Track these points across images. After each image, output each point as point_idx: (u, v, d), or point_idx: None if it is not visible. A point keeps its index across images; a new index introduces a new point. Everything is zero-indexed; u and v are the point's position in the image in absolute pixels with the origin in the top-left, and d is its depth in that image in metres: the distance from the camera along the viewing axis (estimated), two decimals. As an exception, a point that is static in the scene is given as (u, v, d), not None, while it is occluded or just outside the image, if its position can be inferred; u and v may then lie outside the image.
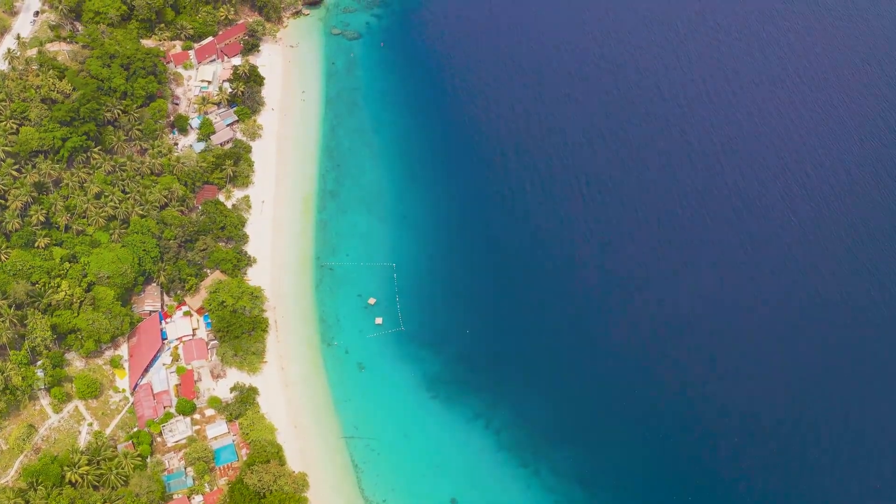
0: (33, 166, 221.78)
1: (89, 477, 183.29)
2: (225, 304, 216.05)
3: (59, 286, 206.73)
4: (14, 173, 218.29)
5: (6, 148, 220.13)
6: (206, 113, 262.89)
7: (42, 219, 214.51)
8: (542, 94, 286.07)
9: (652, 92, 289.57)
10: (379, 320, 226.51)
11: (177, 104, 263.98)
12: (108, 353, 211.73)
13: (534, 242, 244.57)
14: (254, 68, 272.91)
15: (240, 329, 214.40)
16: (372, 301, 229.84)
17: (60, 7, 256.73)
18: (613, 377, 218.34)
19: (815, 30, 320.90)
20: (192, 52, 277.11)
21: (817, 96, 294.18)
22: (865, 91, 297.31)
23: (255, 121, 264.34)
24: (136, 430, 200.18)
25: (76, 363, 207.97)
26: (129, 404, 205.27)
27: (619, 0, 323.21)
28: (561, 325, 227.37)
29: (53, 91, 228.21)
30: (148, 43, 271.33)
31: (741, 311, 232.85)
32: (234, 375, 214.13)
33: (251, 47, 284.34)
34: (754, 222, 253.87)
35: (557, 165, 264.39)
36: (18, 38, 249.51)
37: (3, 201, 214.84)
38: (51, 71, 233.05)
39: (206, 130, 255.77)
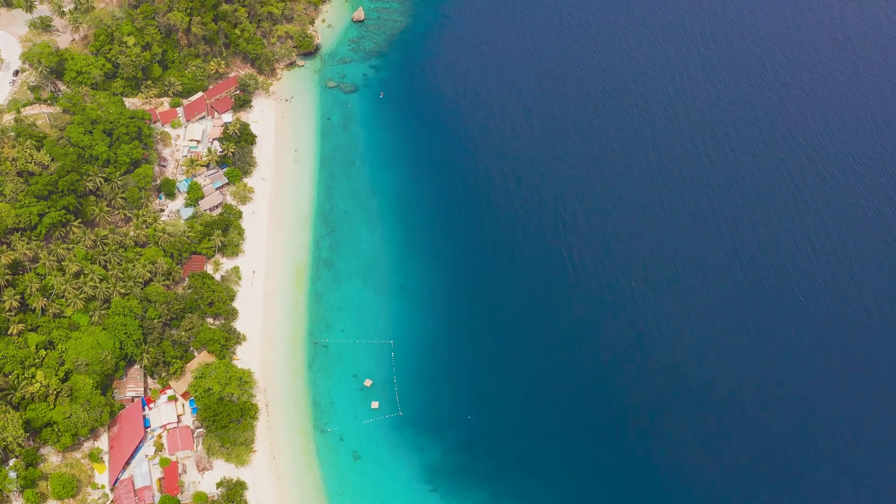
0: (8, 245, 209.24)
1: None
2: (211, 391, 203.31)
3: (33, 376, 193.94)
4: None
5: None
6: (194, 176, 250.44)
7: (16, 304, 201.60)
8: (550, 150, 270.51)
9: (665, 147, 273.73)
10: (375, 404, 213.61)
11: (164, 166, 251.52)
12: (87, 446, 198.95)
13: (542, 318, 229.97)
14: (245, 126, 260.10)
15: (227, 418, 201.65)
16: (368, 383, 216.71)
17: (41, 68, 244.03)
18: (629, 465, 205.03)
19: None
20: (180, 110, 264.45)
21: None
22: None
23: (245, 184, 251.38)
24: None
25: (52, 458, 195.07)
26: (109, 502, 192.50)
27: (626, 50, 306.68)
28: (571, 409, 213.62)
29: (30, 163, 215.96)
30: (134, 101, 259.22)
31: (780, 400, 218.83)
32: (222, 467, 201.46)
33: (243, 103, 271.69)
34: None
35: (568, 231, 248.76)
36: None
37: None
38: (28, 141, 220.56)
39: (195, 195, 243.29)
